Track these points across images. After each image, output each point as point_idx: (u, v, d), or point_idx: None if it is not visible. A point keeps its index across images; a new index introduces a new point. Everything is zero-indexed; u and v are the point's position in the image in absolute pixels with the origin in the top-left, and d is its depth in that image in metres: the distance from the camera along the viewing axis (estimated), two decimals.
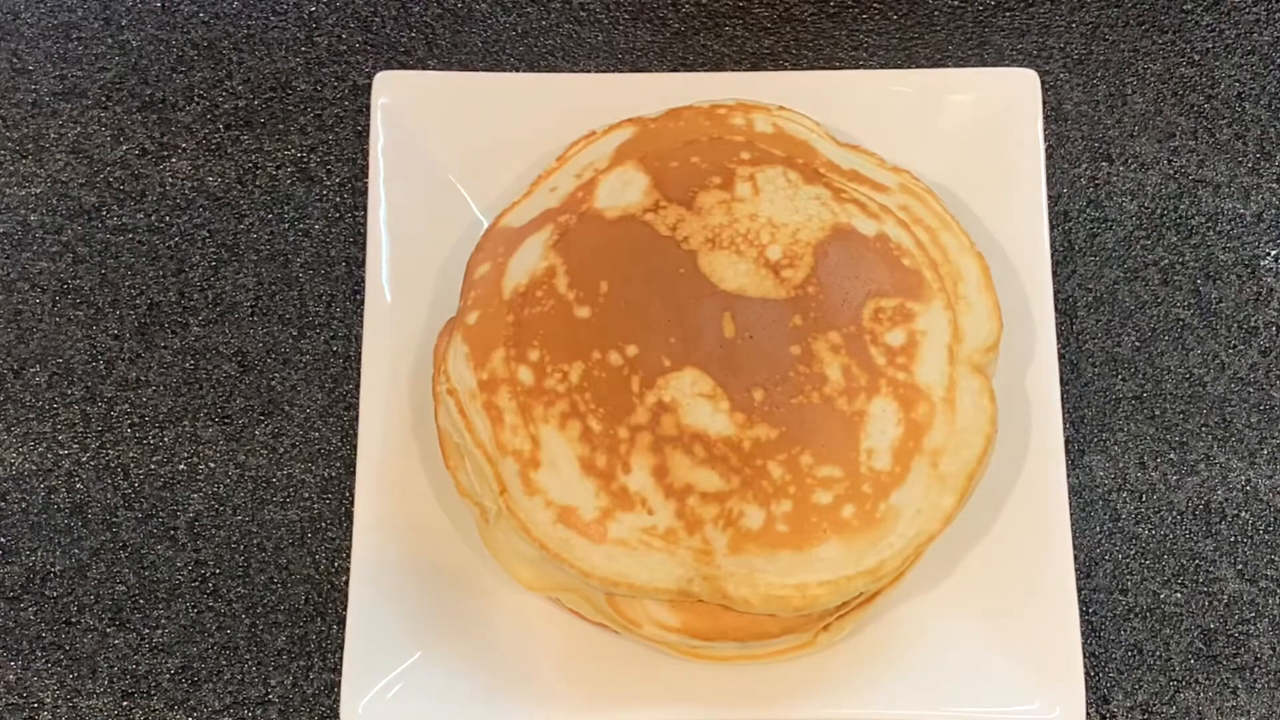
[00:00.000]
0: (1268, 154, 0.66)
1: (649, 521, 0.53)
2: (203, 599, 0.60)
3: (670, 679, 0.57)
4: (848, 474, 0.54)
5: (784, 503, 0.53)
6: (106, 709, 0.58)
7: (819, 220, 0.57)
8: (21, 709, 0.58)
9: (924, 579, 0.57)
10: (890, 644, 0.57)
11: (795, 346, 0.55)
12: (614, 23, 0.68)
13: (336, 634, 0.59)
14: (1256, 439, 0.62)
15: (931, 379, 0.55)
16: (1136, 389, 0.63)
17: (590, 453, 0.54)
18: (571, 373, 0.55)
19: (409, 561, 0.58)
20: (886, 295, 0.56)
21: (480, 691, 0.56)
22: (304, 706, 0.59)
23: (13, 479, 0.61)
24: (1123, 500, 0.61)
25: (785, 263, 0.57)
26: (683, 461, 0.54)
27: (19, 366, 0.63)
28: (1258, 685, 0.59)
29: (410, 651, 0.56)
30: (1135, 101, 0.66)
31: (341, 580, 0.60)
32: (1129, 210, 0.65)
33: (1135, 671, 0.59)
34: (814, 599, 0.53)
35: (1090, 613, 0.60)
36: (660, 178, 0.58)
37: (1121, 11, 0.68)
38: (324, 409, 0.62)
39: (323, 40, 0.67)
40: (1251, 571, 0.60)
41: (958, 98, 0.63)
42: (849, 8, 0.68)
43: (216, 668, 0.59)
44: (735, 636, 0.55)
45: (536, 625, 0.57)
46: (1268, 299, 0.64)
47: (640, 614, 0.55)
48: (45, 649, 0.59)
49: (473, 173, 0.62)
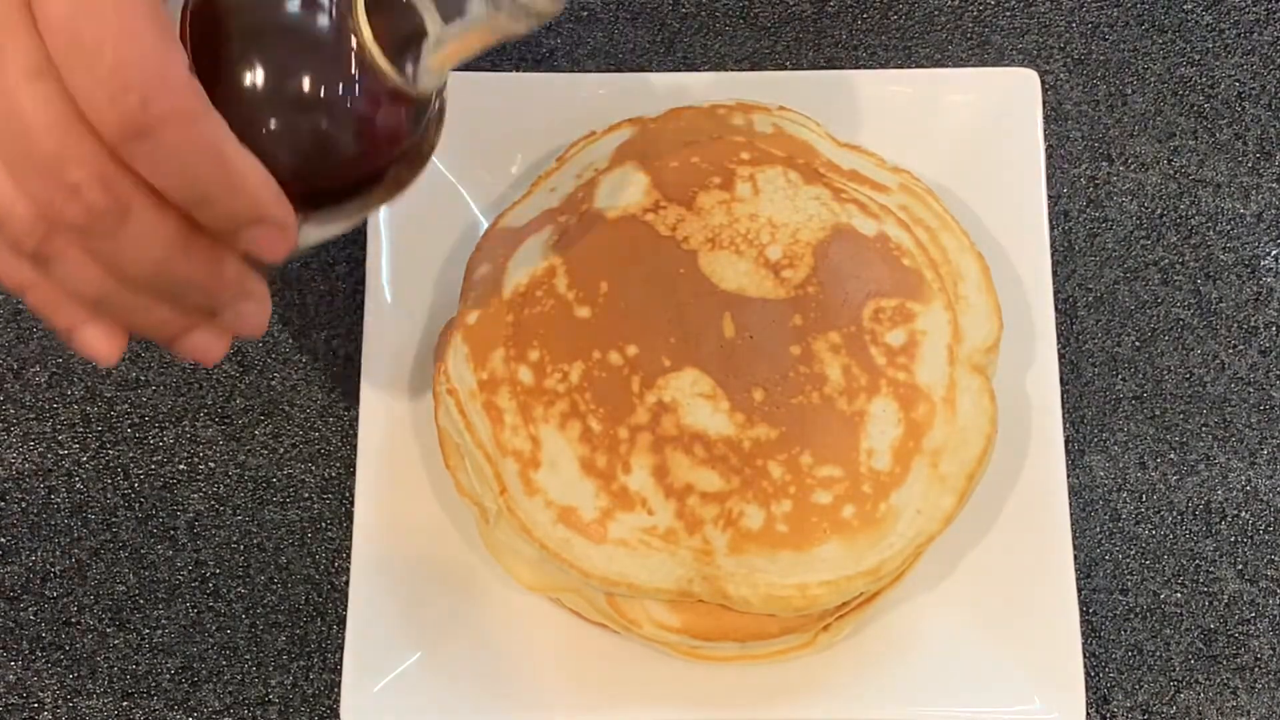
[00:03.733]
0: (1268, 154, 0.66)
1: (649, 522, 0.53)
2: (203, 599, 0.60)
3: (670, 679, 0.56)
4: (848, 474, 0.54)
5: (784, 503, 0.53)
6: (106, 709, 0.58)
7: (819, 220, 0.57)
8: (21, 709, 0.58)
9: (924, 579, 0.57)
10: (890, 644, 0.57)
11: (795, 346, 0.55)
12: (614, 23, 0.68)
13: (336, 634, 0.59)
14: (1256, 439, 0.62)
15: (931, 379, 0.55)
16: (1136, 389, 0.63)
17: (590, 453, 0.54)
18: (571, 373, 0.55)
19: (409, 561, 0.58)
20: (886, 295, 0.56)
21: (480, 691, 0.56)
22: (304, 706, 0.59)
23: (13, 479, 0.61)
24: (1123, 500, 0.61)
25: (785, 263, 0.57)
26: (683, 461, 0.54)
27: (19, 366, 0.63)
28: (1258, 685, 0.59)
29: (410, 651, 0.56)
30: (1135, 101, 0.66)
31: (341, 580, 0.60)
32: (1129, 210, 0.65)
33: (1135, 671, 0.59)
34: (814, 599, 0.53)
35: (1090, 613, 0.60)
36: (660, 178, 0.58)
37: (1121, 11, 0.68)
38: (324, 409, 0.62)
39: None
40: (1251, 571, 0.60)
41: (958, 98, 0.63)
42: (849, 8, 0.68)
43: (216, 668, 0.59)
44: (735, 636, 0.55)
45: (536, 625, 0.57)
46: (1268, 299, 0.64)
47: (640, 614, 0.55)
48: (45, 649, 0.59)
49: (473, 173, 0.62)
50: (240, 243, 0.42)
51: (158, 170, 0.39)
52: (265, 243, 0.42)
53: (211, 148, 0.40)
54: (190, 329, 0.44)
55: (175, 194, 0.40)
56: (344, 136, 0.43)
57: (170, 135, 0.38)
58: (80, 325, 0.43)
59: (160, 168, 0.39)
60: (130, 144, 0.38)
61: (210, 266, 0.42)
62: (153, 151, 0.38)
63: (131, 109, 0.38)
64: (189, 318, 0.43)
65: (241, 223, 0.41)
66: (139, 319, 0.43)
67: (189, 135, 0.39)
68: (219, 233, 0.41)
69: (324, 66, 0.43)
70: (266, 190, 0.41)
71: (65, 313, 0.42)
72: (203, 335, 0.44)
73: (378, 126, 0.44)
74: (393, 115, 0.44)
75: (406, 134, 0.45)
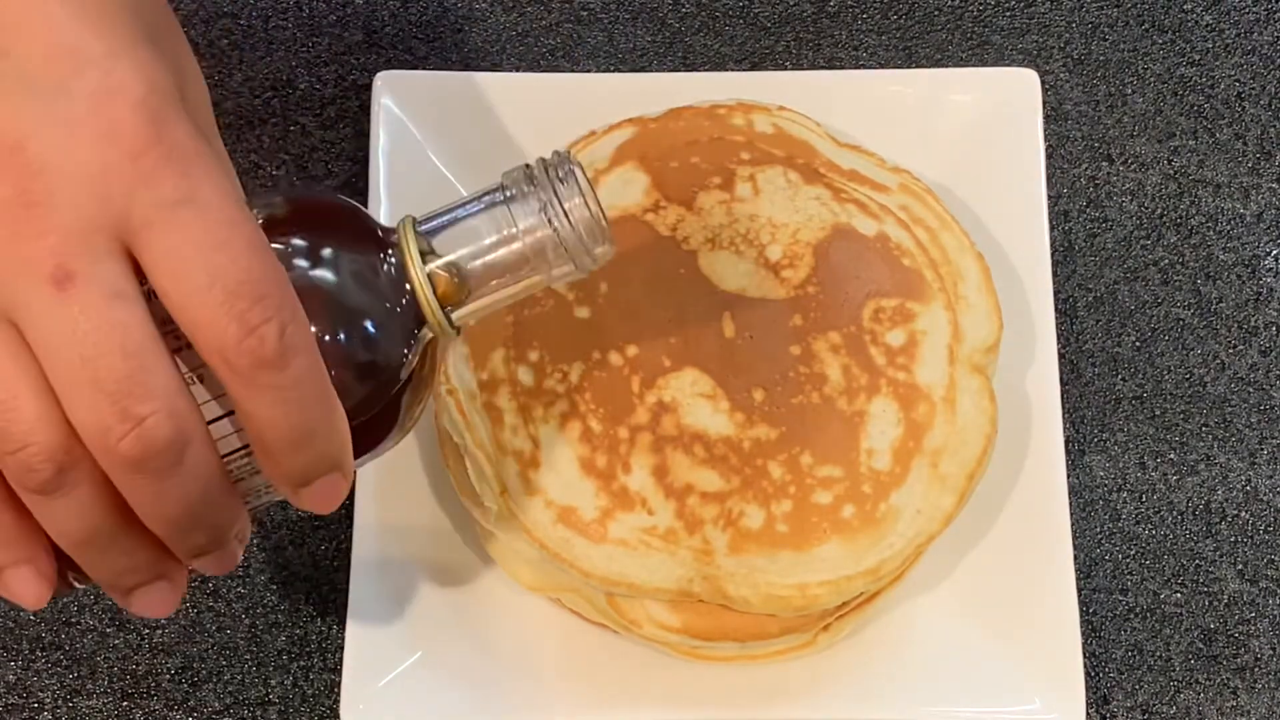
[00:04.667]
0: (1268, 154, 0.66)
1: (649, 521, 0.53)
2: (203, 599, 0.60)
3: (670, 679, 0.56)
4: (848, 474, 0.54)
5: (784, 503, 0.53)
6: (106, 709, 0.58)
7: (819, 220, 0.57)
8: (21, 709, 0.58)
9: (924, 579, 0.57)
10: (890, 644, 0.57)
11: (795, 346, 0.55)
12: (614, 23, 0.68)
13: (336, 634, 0.59)
14: (1256, 439, 0.62)
15: (931, 379, 0.55)
16: (1136, 389, 0.62)
17: (590, 453, 0.54)
18: (571, 373, 0.55)
19: (409, 561, 0.58)
20: (886, 295, 0.56)
21: (480, 691, 0.56)
22: (304, 706, 0.59)
23: None
24: (1123, 500, 0.61)
25: (785, 263, 0.57)
26: (683, 461, 0.54)
27: None
28: (1258, 685, 0.59)
29: (410, 651, 0.56)
30: (1135, 101, 0.66)
31: (341, 580, 0.60)
32: (1129, 210, 0.65)
33: (1135, 671, 0.59)
34: (814, 599, 0.53)
35: (1090, 613, 0.59)
36: (660, 178, 0.58)
37: (1121, 11, 0.68)
38: None
39: (323, 40, 0.67)
40: (1251, 571, 0.60)
41: (958, 98, 0.63)
42: (849, 8, 0.68)
43: (216, 668, 0.59)
44: (735, 636, 0.55)
45: (536, 625, 0.57)
46: (1268, 299, 0.64)
47: (640, 614, 0.55)
48: (45, 649, 0.59)
49: (473, 173, 0.62)
50: (309, 489, 0.40)
51: (278, 400, 0.37)
52: (334, 491, 0.40)
53: (325, 382, 0.38)
54: (156, 579, 0.41)
55: (278, 431, 0.38)
56: (388, 381, 0.42)
57: (299, 365, 0.37)
58: (16, 565, 0.40)
59: (281, 398, 0.37)
60: (263, 373, 0.36)
61: (237, 507, 0.40)
62: (279, 382, 0.37)
63: (270, 338, 0.36)
64: (160, 566, 0.41)
65: (325, 468, 0.39)
66: (111, 563, 0.40)
67: (313, 366, 0.37)
68: (288, 477, 0.39)
69: (380, 314, 0.41)
70: (348, 435, 0.39)
71: (10, 552, 0.39)
72: (162, 587, 0.41)
73: (421, 376, 0.43)
74: (429, 362, 0.43)
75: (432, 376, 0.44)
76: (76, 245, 0.36)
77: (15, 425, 0.36)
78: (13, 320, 0.36)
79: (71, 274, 0.36)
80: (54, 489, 0.37)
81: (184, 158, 0.37)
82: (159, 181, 0.37)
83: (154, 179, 0.37)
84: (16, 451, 0.37)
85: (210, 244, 0.36)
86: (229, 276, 0.36)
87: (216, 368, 0.37)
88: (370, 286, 0.41)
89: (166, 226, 0.36)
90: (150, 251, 0.37)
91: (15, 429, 0.36)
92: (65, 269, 0.36)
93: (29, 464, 0.37)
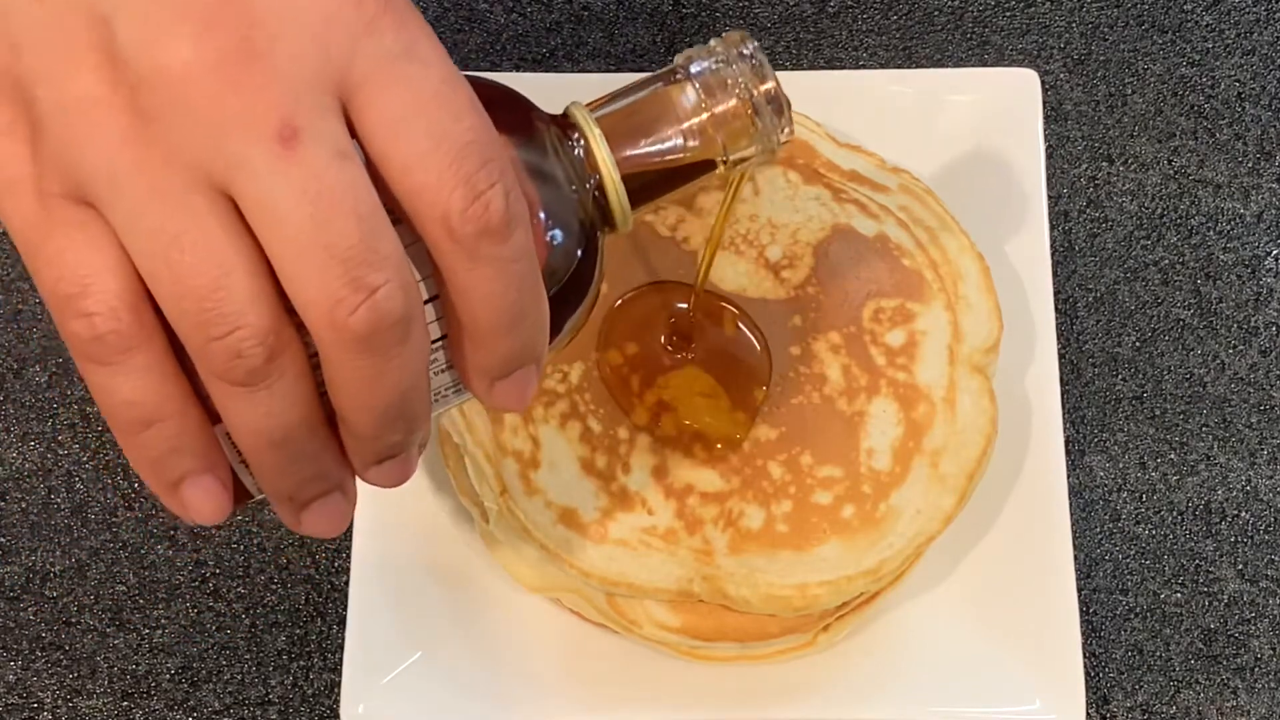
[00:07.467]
0: (1268, 154, 0.66)
1: (649, 522, 0.53)
2: (203, 599, 0.60)
3: (670, 679, 0.56)
4: (848, 474, 0.54)
5: (784, 503, 0.53)
6: (106, 709, 0.58)
7: (819, 220, 0.57)
8: (21, 709, 0.58)
9: (924, 579, 0.57)
10: (890, 644, 0.57)
11: (795, 347, 0.55)
12: (614, 23, 0.68)
13: (336, 634, 0.59)
14: (1256, 439, 0.62)
15: (931, 379, 0.55)
16: (1136, 389, 0.63)
17: (590, 453, 0.54)
18: (571, 373, 0.55)
19: (409, 561, 0.58)
20: (886, 295, 0.56)
21: (480, 691, 0.56)
22: (304, 706, 0.59)
23: (13, 479, 0.61)
24: (1123, 500, 0.61)
25: (785, 263, 0.57)
26: (683, 461, 0.54)
27: (19, 366, 0.63)
28: (1258, 685, 0.59)
29: (410, 651, 0.56)
30: (1135, 101, 0.66)
31: (341, 580, 0.60)
32: (1129, 210, 0.65)
33: (1135, 671, 0.59)
34: (814, 599, 0.53)
35: (1090, 613, 0.60)
36: None
37: (1121, 11, 0.68)
38: None
39: None
40: (1251, 571, 0.60)
41: (958, 98, 0.63)
42: (849, 8, 0.68)
43: (216, 668, 0.59)
44: (735, 637, 0.55)
45: (536, 625, 0.57)
46: (1268, 299, 0.64)
47: (640, 614, 0.55)
48: (45, 649, 0.59)
49: None
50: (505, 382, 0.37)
51: (499, 274, 0.34)
52: (528, 387, 0.37)
53: (535, 261, 0.35)
54: (334, 490, 0.38)
55: (492, 309, 0.35)
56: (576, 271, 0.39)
57: (520, 238, 0.34)
58: (198, 475, 0.36)
59: (502, 272, 0.34)
60: (486, 243, 0.34)
61: (429, 405, 0.37)
62: (502, 254, 0.34)
63: (497, 204, 0.34)
64: (340, 473, 0.38)
65: (528, 357, 0.36)
66: (298, 470, 0.37)
67: (529, 242, 0.35)
68: (489, 366, 0.36)
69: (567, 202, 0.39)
70: (549, 323, 0.37)
71: (192, 459, 0.36)
72: (338, 499, 0.38)
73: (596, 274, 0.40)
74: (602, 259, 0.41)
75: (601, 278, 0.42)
76: (302, 100, 0.33)
77: (227, 304, 0.33)
78: (226, 185, 0.33)
79: (297, 130, 0.32)
80: (259, 379, 0.33)
81: (401, 7, 0.34)
82: (381, 31, 0.34)
83: (377, 28, 0.34)
84: (226, 335, 0.33)
85: (434, 102, 0.34)
86: (455, 137, 0.33)
87: (436, 239, 0.34)
88: (555, 172, 0.39)
89: (387, 81, 0.33)
90: (371, 109, 0.34)
91: (228, 308, 0.33)
92: (291, 125, 0.32)
93: (238, 349, 0.33)
